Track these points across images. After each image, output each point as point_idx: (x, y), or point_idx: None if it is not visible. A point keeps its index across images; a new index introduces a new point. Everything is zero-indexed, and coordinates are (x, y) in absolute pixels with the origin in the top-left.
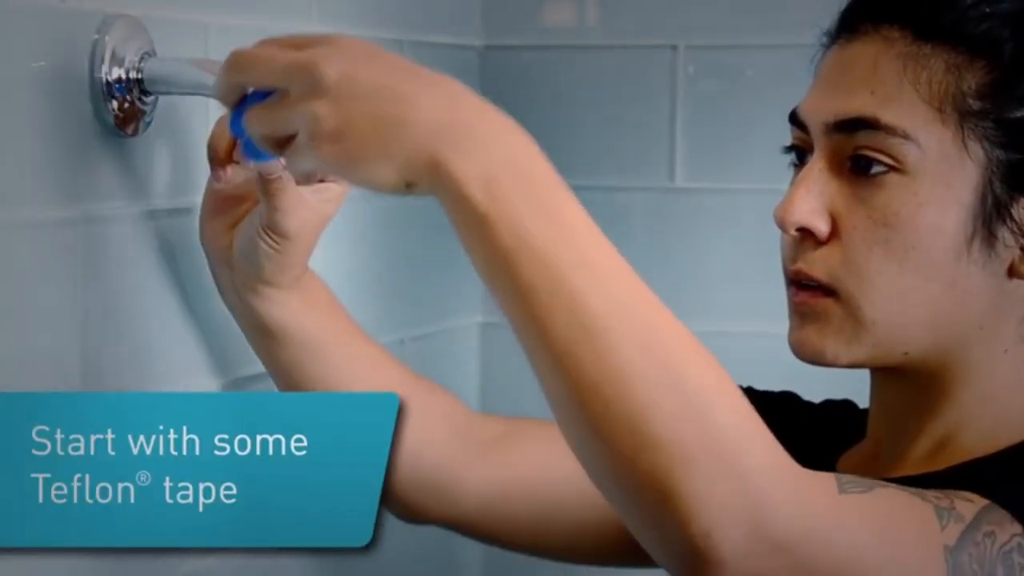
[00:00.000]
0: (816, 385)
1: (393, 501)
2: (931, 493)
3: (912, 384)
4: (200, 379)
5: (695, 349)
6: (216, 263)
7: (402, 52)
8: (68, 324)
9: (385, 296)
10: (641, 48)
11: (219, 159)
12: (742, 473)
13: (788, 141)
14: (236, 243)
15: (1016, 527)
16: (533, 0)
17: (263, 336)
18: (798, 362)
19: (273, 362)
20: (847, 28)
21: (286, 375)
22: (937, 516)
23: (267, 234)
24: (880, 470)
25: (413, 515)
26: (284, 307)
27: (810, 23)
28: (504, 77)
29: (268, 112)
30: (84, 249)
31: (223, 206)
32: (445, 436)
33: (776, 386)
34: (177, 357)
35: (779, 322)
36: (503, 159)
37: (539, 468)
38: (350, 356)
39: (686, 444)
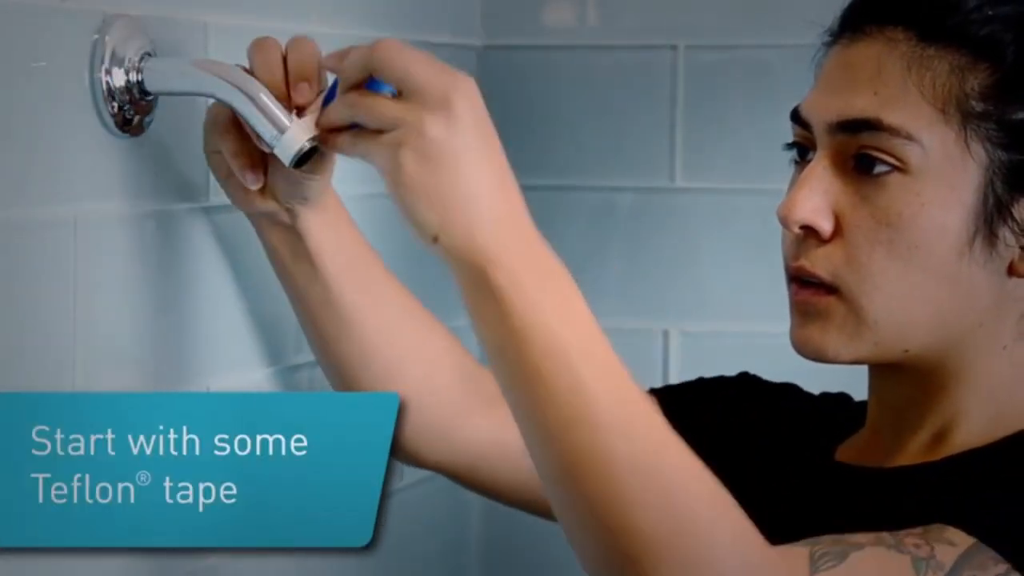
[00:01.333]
0: (815, 385)
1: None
2: (911, 539)
3: (911, 379)
4: (198, 380)
5: (674, 440)
6: (260, 225)
7: None
8: (67, 324)
9: None
10: (641, 48)
11: (249, 164)
12: (710, 564)
13: (788, 141)
14: (282, 196)
15: (1000, 567)
16: (533, 0)
17: (297, 260)
18: (797, 361)
19: (300, 288)
20: (850, 28)
21: (311, 301)
22: (914, 570)
23: (310, 172)
24: (879, 459)
25: (405, 455)
26: (324, 228)
27: (810, 23)
28: (504, 77)
29: (376, 102)
30: (84, 249)
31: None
32: (452, 383)
33: None
34: (176, 357)
35: (779, 322)
36: (532, 257)
37: None
38: (371, 279)
39: (657, 535)
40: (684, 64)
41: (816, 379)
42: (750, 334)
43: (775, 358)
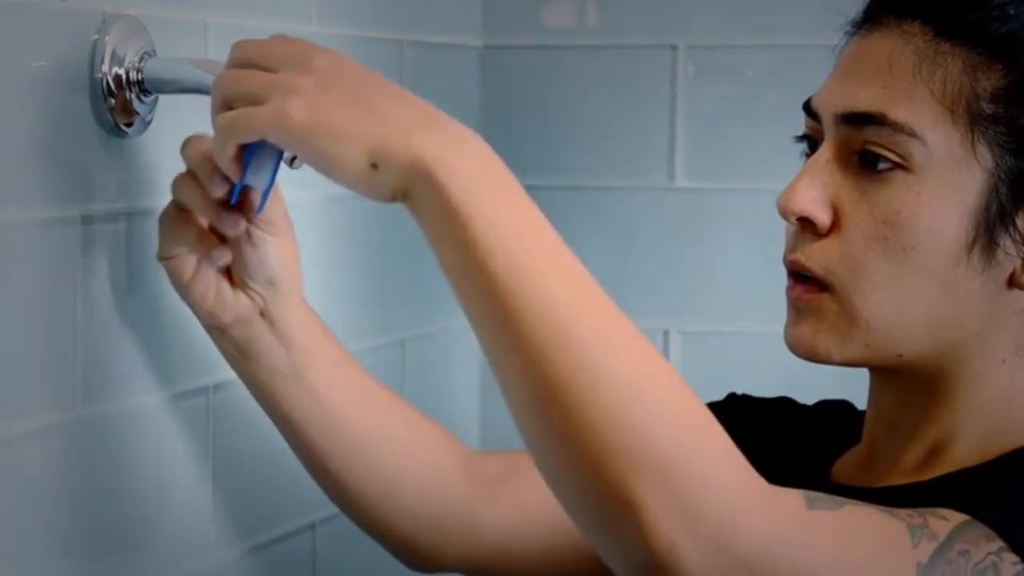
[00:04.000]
0: (815, 386)
1: (405, 546)
2: (904, 512)
3: (908, 388)
4: (197, 380)
5: (660, 360)
6: (245, 357)
7: (402, 52)
8: (67, 323)
9: (385, 297)
10: (641, 48)
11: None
12: (706, 486)
13: (788, 141)
14: (251, 277)
15: (993, 544)
16: (533, 0)
17: (296, 379)
18: (797, 362)
19: (296, 410)
20: (869, 19)
21: (306, 420)
22: (910, 534)
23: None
24: (873, 477)
25: (426, 560)
26: (301, 322)
27: (810, 23)
28: (504, 77)
29: (247, 74)
30: (84, 249)
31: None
32: (457, 475)
33: (775, 386)
34: (175, 357)
35: (779, 322)
36: (479, 161)
37: (549, 499)
38: (360, 382)
39: (651, 453)
40: (684, 64)
41: (816, 381)
42: (750, 334)
43: (775, 358)
